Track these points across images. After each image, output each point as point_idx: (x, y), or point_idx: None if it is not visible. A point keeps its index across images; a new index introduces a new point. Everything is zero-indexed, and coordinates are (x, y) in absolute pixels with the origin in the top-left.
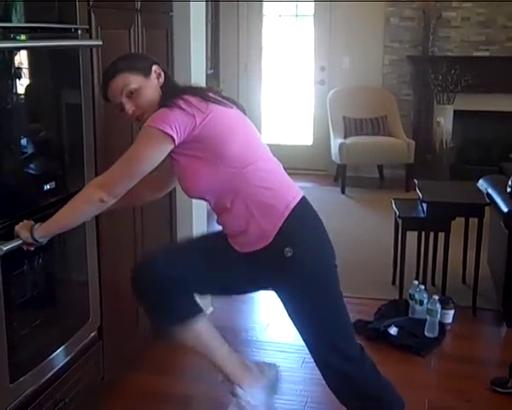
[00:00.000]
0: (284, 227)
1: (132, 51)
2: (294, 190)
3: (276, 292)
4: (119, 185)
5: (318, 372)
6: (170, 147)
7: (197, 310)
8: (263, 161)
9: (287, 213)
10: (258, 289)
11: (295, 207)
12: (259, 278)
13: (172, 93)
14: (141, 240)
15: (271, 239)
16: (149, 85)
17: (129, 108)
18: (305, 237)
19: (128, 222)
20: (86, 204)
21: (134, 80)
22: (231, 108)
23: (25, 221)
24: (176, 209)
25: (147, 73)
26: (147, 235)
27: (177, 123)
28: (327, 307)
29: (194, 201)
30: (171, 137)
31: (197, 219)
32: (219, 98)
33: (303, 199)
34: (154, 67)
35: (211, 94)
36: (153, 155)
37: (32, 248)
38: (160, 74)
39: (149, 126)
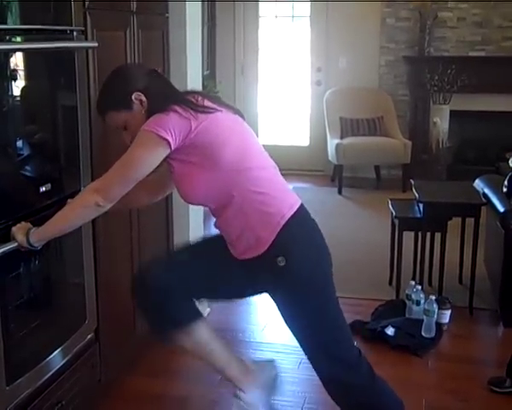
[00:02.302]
0: (279, 237)
1: (115, 68)
2: (291, 200)
3: (272, 299)
4: (116, 190)
5: (315, 373)
6: (166, 151)
7: (197, 315)
8: (260, 169)
9: (282, 223)
10: (257, 294)
11: (291, 217)
12: (256, 284)
13: (158, 106)
14: (137, 242)
15: (266, 248)
16: (134, 115)
17: (126, 138)
18: (298, 247)
19: (124, 224)
20: (82, 208)
21: (120, 117)
22: (231, 112)
23: (22, 223)
24: (172, 211)
25: (128, 105)
26: (143, 237)
27: (172, 127)
28: (323, 316)
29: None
30: (167, 141)
31: (194, 222)
32: (214, 106)
33: (300, 208)
34: (134, 95)
35: (205, 102)
36: (148, 158)
37: (23, 249)
38: (141, 100)
39: (145, 130)
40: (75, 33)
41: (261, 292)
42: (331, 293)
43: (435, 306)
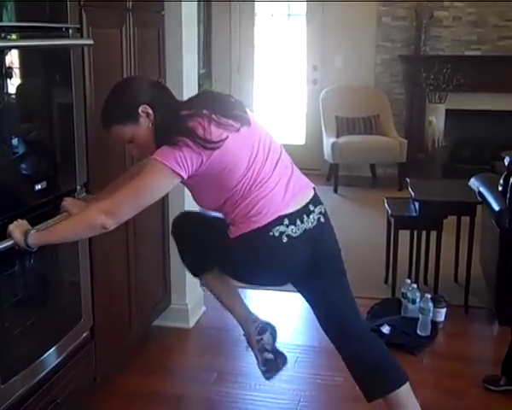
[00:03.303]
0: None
1: (121, 80)
2: (274, 209)
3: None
4: (124, 215)
5: (311, 371)
6: (177, 182)
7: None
8: (265, 185)
9: (253, 227)
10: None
11: (265, 226)
12: None
13: (167, 130)
14: (133, 240)
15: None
16: (141, 128)
17: (132, 150)
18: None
19: None
20: (88, 227)
21: (126, 131)
22: (236, 130)
23: (19, 221)
24: (168, 209)
25: (135, 119)
26: (139, 235)
27: (184, 160)
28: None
29: (186, 199)
30: (180, 176)
31: None
32: (221, 122)
33: (279, 218)
34: (141, 108)
35: (212, 128)
36: (160, 189)
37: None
38: (148, 113)
39: (158, 161)
40: (71, 31)
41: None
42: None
43: (431, 304)
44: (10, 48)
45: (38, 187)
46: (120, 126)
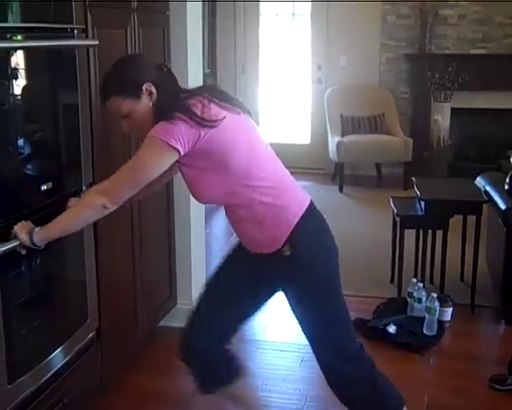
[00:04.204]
0: (292, 234)
1: (127, 55)
2: (301, 198)
3: (285, 295)
4: (123, 193)
5: (317, 371)
6: (174, 158)
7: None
8: (268, 173)
9: (296, 221)
10: (272, 292)
11: (302, 216)
12: (271, 281)
13: (167, 110)
14: (138, 240)
15: (281, 245)
16: (141, 106)
17: (124, 125)
18: (306, 241)
19: (125, 222)
20: (88, 210)
21: (125, 105)
22: (237, 113)
23: (23, 222)
24: (173, 209)
25: (137, 95)
26: (144, 235)
27: (181, 135)
28: (330, 309)
29: (191, 201)
30: (176, 150)
31: (195, 219)
32: (221, 110)
33: (310, 207)
34: (146, 86)
35: (211, 107)
36: (157, 165)
37: (24, 252)
38: (151, 92)
39: (154, 137)
40: (76, 31)
41: (275, 290)
42: (337, 288)
43: (437, 303)
44: (16, 49)
45: (44, 188)
46: (120, 99)
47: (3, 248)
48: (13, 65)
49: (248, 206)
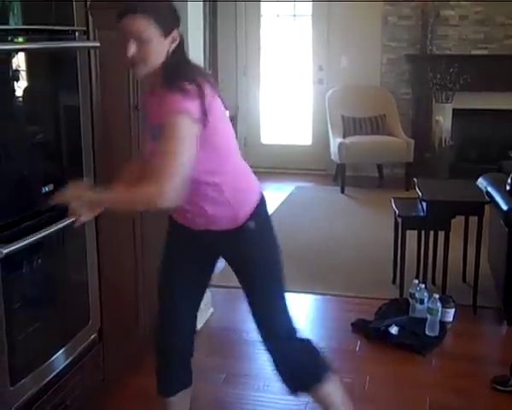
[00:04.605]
0: (255, 211)
1: None
2: (257, 182)
3: (229, 262)
4: (177, 190)
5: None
6: (197, 127)
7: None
8: (238, 156)
9: (257, 201)
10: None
11: (261, 197)
12: (216, 252)
13: (177, 68)
14: (140, 241)
15: (243, 222)
16: (162, 46)
17: (131, 49)
18: (264, 217)
19: (127, 223)
20: (145, 206)
21: (151, 32)
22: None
23: (73, 186)
24: None
25: (166, 34)
26: (146, 235)
27: (195, 106)
28: (278, 280)
29: None
30: (196, 119)
31: None
32: (213, 87)
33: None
34: (174, 32)
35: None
36: (189, 136)
37: (85, 219)
38: (175, 40)
39: (174, 113)
40: (77, 33)
41: (216, 261)
42: (281, 276)
43: (439, 304)
44: (17, 51)
45: (45, 189)
46: (149, 22)
47: (6, 251)
48: (14, 67)
49: (224, 184)
